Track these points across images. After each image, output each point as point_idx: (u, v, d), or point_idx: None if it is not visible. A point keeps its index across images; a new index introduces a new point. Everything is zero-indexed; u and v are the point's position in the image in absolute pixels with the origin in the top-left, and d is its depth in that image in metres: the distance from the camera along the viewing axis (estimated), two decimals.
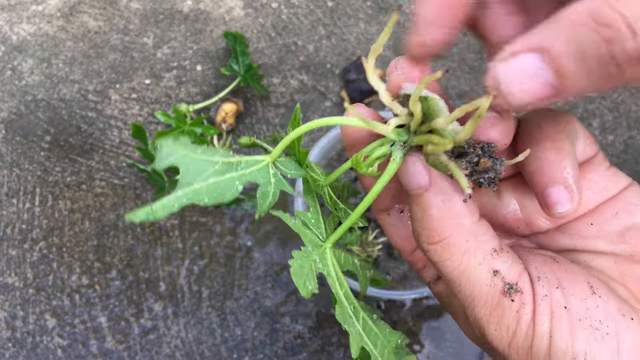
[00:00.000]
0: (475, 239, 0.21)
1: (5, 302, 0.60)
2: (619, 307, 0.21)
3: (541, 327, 0.20)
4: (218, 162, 0.23)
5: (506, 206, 0.24)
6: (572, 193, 0.21)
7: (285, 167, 0.27)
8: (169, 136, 0.22)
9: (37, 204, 0.64)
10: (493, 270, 0.21)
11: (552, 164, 0.21)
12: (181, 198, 0.21)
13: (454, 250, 0.21)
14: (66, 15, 0.74)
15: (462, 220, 0.21)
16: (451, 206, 0.21)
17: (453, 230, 0.21)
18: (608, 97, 0.70)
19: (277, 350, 0.59)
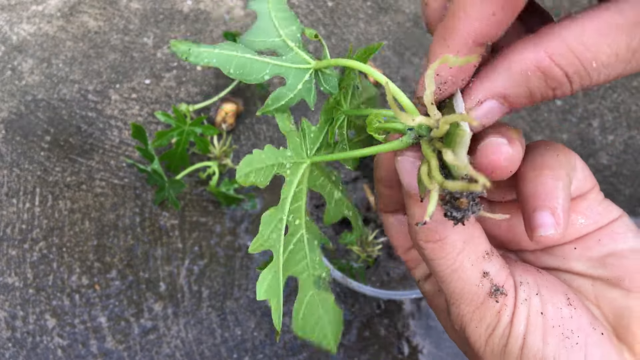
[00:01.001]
0: (470, 241, 0.23)
1: (5, 302, 0.60)
2: (591, 321, 0.22)
3: (517, 329, 0.22)
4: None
5: (498, 222, 0.26)
6: (558, 220, 0.22)
7: (325, 80, 0.26)
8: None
9: (37, 204, 0.64)
10: (483, 271, 0.23)
11: (546, 190, 0.23)
12: (214, 54, 0.23)
13: (449, 250, 0.23)
14: (66, 15, 0.74)
15: (459, 226, 0.22)
16: None
17: (451, 231, 0.22)
18: (608, 97, 0.70)
19: (277, 350, 0.59)
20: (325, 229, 0.58)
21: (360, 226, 0.31)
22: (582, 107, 0.70)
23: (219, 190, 0.61)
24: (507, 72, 0.21)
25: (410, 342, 0.59)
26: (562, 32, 0.20)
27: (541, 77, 0.20)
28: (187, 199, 0.64)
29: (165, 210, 0.64)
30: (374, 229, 0.60)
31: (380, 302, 0.61)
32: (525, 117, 0.69)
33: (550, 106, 0.70)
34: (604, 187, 0.66)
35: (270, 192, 0.65)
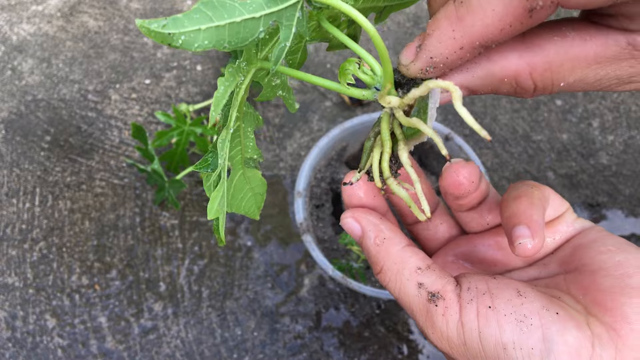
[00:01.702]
0: (402, 262, 0.27)
1: (5, 302, 0.60)
2: (544, 304, 0.24)
3: (469, 326, 0.25)
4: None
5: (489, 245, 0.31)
6: (534, 232, 0.26)
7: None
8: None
9: (37, 204, 0.64)
10: (418, 283, 0.26)
11: (523, 211, 0.27)
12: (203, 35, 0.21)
13: (389, 274, 0.27)
14: (66, 15, 0.74)
15: (390, 249, 0.27)
16: (380, 242, 0.27)
17: (385, 258, 0.27)
18: (608, 97, 0.70)
19: (277, 350, 0.59)
20: (325, 229, 0.58)
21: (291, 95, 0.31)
22: (582, 107, 0.70)
23: None
24: (486, 74, 0.23)
25: (410, 342, 0.59)
26: (548, 47, 0.22)
27: (513, 84, 0.23)
28: (187, 199, 0.64)
29: (165, 210, 0.64)
30: None
31: (380, 302, 0.61)
32: (525, 117, 0.69)
33: (550, 106, 0.70)
34: (604, 187, 0.66)
35: (270, 192, 0.65)
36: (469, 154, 0.55)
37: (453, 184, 0.27)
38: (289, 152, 0.67)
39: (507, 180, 0.66)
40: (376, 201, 0.29)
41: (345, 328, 0.60)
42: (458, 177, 0.27)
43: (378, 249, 0.27)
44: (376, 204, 0.29)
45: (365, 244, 0.28)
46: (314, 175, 0.57)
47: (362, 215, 0.28)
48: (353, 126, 0.57)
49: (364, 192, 0.28)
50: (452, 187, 0.27)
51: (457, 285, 0.26)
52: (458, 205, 0.29)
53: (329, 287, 0.61)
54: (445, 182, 0.28)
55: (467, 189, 0.28)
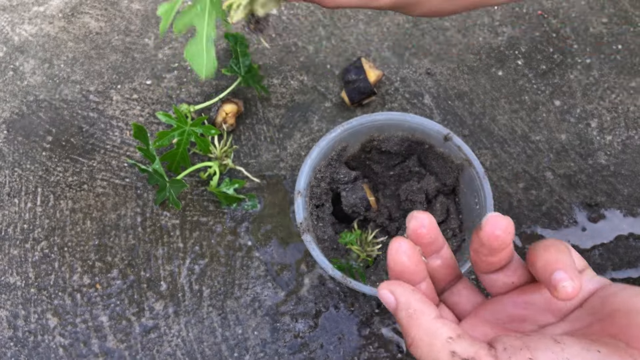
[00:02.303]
0: (432, 333, 0.28)
1: (7, 301, 0.60)
2: (583, 346, 0.25)
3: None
4: None
5: (512, 310, 0.32)
6: (572, 275, 0.27)
7: None
8: None
9: (38, 203, 0.64)
10: (451, 352, 0.27)
11: (556, 258, 0.28)
12: None
13: (421, 345, 0.27)
14: (68, 16, 0.75)
15: (421, 321, 0.28)
16: (412, 314, 0.28)
17: (416, 330, 0.28)
18: (607, 98, 0.71)
19: (278, 349, 0.59)
20: (325, 229, 0.59)
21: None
22: (581, 108, 0.70)
23: (219, 190, 0.62)
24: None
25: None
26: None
27: None
28: (187, 198, 0.65)
29: (166, 210, 0.64)
30: (374, 229, 0.61)
31: (380, 301, 0.61)
32: (524, 117, 0.70)
33: (548, 107, 0.70)
34: (603, 187, 0.67)
35: (271, 192, 0.66)
36: (467, 154, 0.56)
37: (492, 235, 0.28)
38: (289, 152, 0.67)
39: (505, 180, 0.67)
40: (418, 267, 0.30)
41: (345, 327, 0.60)
42: (495, 230, 0.28)
43: (409, 321, 0.28)
44: (417, 269, 0.31)
45: (398, 315, 0.29)
46: (314, 175, 0.58)
47: (396, 287, 0.29)
48: (353, 126, 0.57)
49: (408, 257, 0.30)
50: (492, 238, 0.28)
51: (492, 348, 0.26)
52: (489, 264, 0.30)
53: (329, 286, 0.61)
54: (485, 233, 0.29)
55: (505, 241, 0.29)
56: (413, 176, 0.62)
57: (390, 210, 0.62)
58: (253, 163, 0.67)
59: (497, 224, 0.28)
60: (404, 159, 0.63)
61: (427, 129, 0.57)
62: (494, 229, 0.28)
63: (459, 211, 0.61)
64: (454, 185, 0.60)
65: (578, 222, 0.65)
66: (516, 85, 0.71)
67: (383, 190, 0.64)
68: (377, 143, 0.60)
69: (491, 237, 0.28)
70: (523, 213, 0.65)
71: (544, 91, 0.71)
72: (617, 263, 0.63)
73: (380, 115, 0.57)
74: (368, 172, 0.64)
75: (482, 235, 0.29)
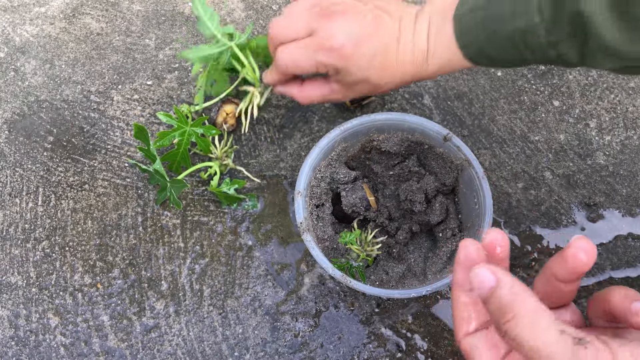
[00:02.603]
0: (538, 312, 0.28)
1: (8, 300, 0.60)
2: None
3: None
4: None
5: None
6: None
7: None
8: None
9: (40, 203, 0.65)
10: (559, 330, 0.27)
11: (626, 294, 0.30)
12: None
13: (524, 320, 0.27)
14: (69, 17, 0.75)
15: (526, 300, 0.28)
16: (517, 292, 0.29)
17: (520, 307, 0.28)
18: (605, 98, 0.71)
19: (278, 348, 0.59)
20: (325, 228, 0.59)
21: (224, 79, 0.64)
22: (580, 108, 0.71)
23: (220, 190, 0.62)
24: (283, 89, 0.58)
25: (409, 340, 0.60)
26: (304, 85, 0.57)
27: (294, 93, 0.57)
28: (188, 198, 0.65)
29: (167, 210, 0.64)
30: (373, 229, 0.61)
31: (380, 300, 0.61)
32: (523, 117, 0.70)
33: (547, 107, 0.71)
34: (601, 187, 0.67)
35: (271, 192, 0.66)
36: (467, 154, 0.56)
37: (577, 259, 0.30)
38: (289, 152, 0.68)
39: (505, 180, 0.67)
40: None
41: (345, 326, 0.60)
42: (579, 253, 0.30)
43: (514, 298, 0.28)
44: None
45: (497, 293, 0.29)
46: (314, 175, 0.58)
47: (498, 269, 0.29)
48: (353, 127, 0.57)
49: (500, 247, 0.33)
50: (576, 261, 0.30)
51: (599, 338, 0.27)
52: (561, 295, 0.32)
53: (329, 285, 0.62)
54: (569, 255, 0.30)
55: (590, 264, 0.30)
56: (413, 176, 0.62)
57: (390, 210, 0.63)
58: (253, 163, 0.67)
59: (582, 248, 0.30)
60: (403, 159, 0.63)
61: (426, 129, 0.58)
62: (578, 251, 0.29)
63: (459, 211, 0.62)
64: (454, 185, 0.61)
65: (577, 222, 0.65)
66: (515, 86, 0.72)
67: (383, 190, 0.64)
68: (377, 143, 0.60)
69: (577, 259, 0.29)
70: (522, 213, 0.65)
71: (543, 91, 0.71)
72: (616, 263, 0.63)
73: (380, 116, 0.57)
74: (368, 172, 0.64)
75: (569, 258, 0.30)
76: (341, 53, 0.49)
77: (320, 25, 0.49)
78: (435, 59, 0.49)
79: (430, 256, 0.60)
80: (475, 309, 0.32)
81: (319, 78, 0.55)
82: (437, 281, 0.52)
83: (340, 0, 0.50)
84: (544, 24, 0.40)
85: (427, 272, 0.59)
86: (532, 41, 0.42)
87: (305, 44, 0.50)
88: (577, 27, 0.39)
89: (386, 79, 0.51)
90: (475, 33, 0.45)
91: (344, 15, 0.49)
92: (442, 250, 0.59)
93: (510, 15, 0.41)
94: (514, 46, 0.43)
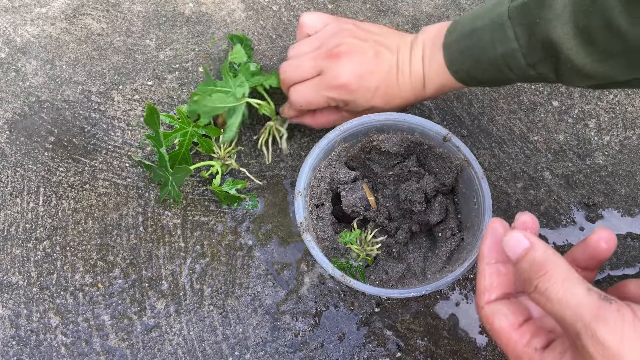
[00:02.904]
0: (569, 271, 0.31)
1: (9, 300, 0.61)
2: None
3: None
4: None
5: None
6: None
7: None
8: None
9: (41, 203, 0.65)
10: (587, 287, 0.30)
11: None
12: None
13: (556, 277, 0.31)
14: (69, 18, 0.75)
15: (558, 261, 0.32)
16: (550, 255, 0.32)
17: (553, 265, 0.31)
18: (604, 98, 0.71)
19: (278, 347, 0.59)
20: (325, 228, 0.59)
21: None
22: (579, 108, 0.71)
23: (221, 189, 0.62)
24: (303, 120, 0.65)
25: (409, 339, 0.60)
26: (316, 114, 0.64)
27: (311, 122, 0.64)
28: (189, 198, 0.65)
29: (167, 210, 0.65)
30: (373, 229, 0.61)
31: (379, 300, 0.62)
32: (522, 117, 0.70)
33: (546, 107, 0.71)
34: (600, 187, 0.67)
35: (271, 192, 0.66)
36: (466, 154, 0.56)
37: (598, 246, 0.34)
38: (290, 153, 0.68)
39: (504, 180, 0.67)
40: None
41: (345, 326, 0.60)
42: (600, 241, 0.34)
43: (547, 258, 0.31)
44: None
45: (531, 254, 0.32)
46: (314, 175, 0.58)
47: (531, 235, 0.33)
48: (353, 127, 0.58)
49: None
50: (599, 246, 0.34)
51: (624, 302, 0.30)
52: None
53: (329, 285, 0.62)
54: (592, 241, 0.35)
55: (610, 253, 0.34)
56: (412, 176, 0.63)
57: (389, 210, 0.63)
58: (254, 163, 0.67)
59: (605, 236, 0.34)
60: (403, 159, 0.63)
61: (426, 129, 0.58)
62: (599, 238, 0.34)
63: (458, 211, 0.62)
64: (453, 185, 0.61)
65: (576, 222, 0.65)
66: (514, 86, 0.72)
67: (382, 190, 0.64)
68: (377, 143, 0.60)
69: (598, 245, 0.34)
70: None
71: (542, 92, 0.72)
72: (615, 262, 0.64)
73: (380, 116, 0.58)
74: (368, 172, 0.65)
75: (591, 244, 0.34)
76: (348, 89, 0.55)
77: (328, 66, 0.55)
78: (432, 83, 0.55)
79: (429, 256, 0.61)
80: (498, 280, 0.35)
81: (330, 108, 0.60)
82: (437, 281, 0.52)
83: (344, 41, 0.55)
84: (521, 50, 0.45)
85: (427, 272, 0.59)
86: (512, 64, 0.47)
87: (316, 84, 0.56)
88: (549, 52, 0.44)
89: (390, 105, 0.57)
90: (462, 60, 0.51)
91: (348, 55, 0.54)
92: (442, 250, 0.59)
93: (491, 43, 0.47)
94: (497, 69, 0.48)
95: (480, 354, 0.60)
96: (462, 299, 0.62)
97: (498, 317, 0.34)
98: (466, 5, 0.76)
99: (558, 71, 0.45)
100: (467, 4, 0.76)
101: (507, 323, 0.33)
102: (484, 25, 0.47)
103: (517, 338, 0.33)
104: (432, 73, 0.54)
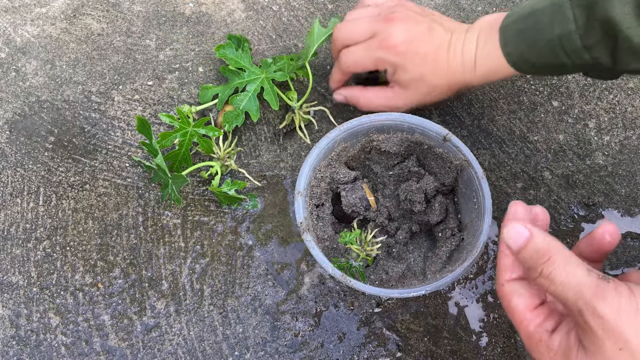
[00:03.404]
0: (570, 256, 0.34)
1: (9, 300, 0.61)
2: None
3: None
4: None
5: None
6: None
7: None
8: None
9: (41, 203, 0.65)
10: (588, 269, 0.33)
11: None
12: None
13: (559, 261, 0.33)
14: (70, 18, 0.75)
15: (559, 247, 0.34)
16: (550, 242, 0.35)
17: (555, 250, 0.34)
18: (604, 98, 0.71)
19: (278, 347, 0.59)
20: (325, 228, 0.59)
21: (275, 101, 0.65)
22: (579, 108, 0.71)
23: (220, 190, 0.62)
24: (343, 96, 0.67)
25: (409, 339, 0.60)
26: (365, 91, 0.65)
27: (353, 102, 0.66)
28: (189, 198, 0.65)
29: (167, 210, 0.65)
30: (373, 229, 0.61)
31: (379, 300, 0.62)
32: (522, 118, 0.70)
33: (546, 107, 0.71)
34: (600, 187, 0.67)
35: (271, 192, 0.66)
36: (466, 154, 0.56)
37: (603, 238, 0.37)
38: (290, 153, 0.68)
39: (504, 180, 0.67)
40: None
41: (345, 326, 0.60)
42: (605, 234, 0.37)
43: (549, 244, 0.34)
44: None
45: (532, 242, 0.34)
46: (314, 175, 0.58)
47: (531, 225, 0.35)
48: (352, 127, 0.58)
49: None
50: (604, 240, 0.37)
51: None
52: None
53: (329, 285, 0.62)
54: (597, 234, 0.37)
55: (613, 245, 0.37)
56: (412, 176, 0.63)
57: (389, 210, 0.63)
58: (254, 163, 0.67)
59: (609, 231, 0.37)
60: (403, 159, 0.63)
61: (426, 129, 0.58)
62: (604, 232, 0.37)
63: (458, 211, 0.62)
64: (453, 185, 0.61)
65: (576, 222, 0.65)
66: (514, 86, 0.72)
67: (382, 190, 0.64)
68: (377, 143, 0.60)
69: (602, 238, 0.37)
70: None
71: (542, 92, 0.72)
72: (615, 262, 0.64)
73: (380, 116, 0.58)
74: (368, 172, 0.65)
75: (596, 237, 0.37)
76: (396, 50, 0.56)
77: (381, 28, 0.57)
78: (482, 66, 0.55)
79: (429, 256, 0.61)
80: (518, 261, 0.37)
81: (381, 85, 0.62)
82: (437, 281, 0.52)
83: (401, 10, 0.57)
84: (578, 31, 0.46)
85: (427, 272, 0.59)
86: (568, 46, 0.47)
87: (367, 44, 0.58)
88: (608, 32, 0.44)
89: (438, 80, 0.57)
90: (518, 41, 0.51)
91: (402, 20, 0.56)
92: (442, 250, 0.59)
93: (549, 24, 0.48)
94: (552, 52, 0.49)
95: (481, 354, 0.60)
96: (462, 299, 0.62)
97: (516, 296, 0.36)
98: (466, 5, 0.76)
99: (614, 53, 0.45)
100: (467, 4, 0.76)
101: (524, 304, 0.36)
102: (544, 7, 0.48)
103: (531, 319, 0.35)
104: (485, 55, 0.54)
